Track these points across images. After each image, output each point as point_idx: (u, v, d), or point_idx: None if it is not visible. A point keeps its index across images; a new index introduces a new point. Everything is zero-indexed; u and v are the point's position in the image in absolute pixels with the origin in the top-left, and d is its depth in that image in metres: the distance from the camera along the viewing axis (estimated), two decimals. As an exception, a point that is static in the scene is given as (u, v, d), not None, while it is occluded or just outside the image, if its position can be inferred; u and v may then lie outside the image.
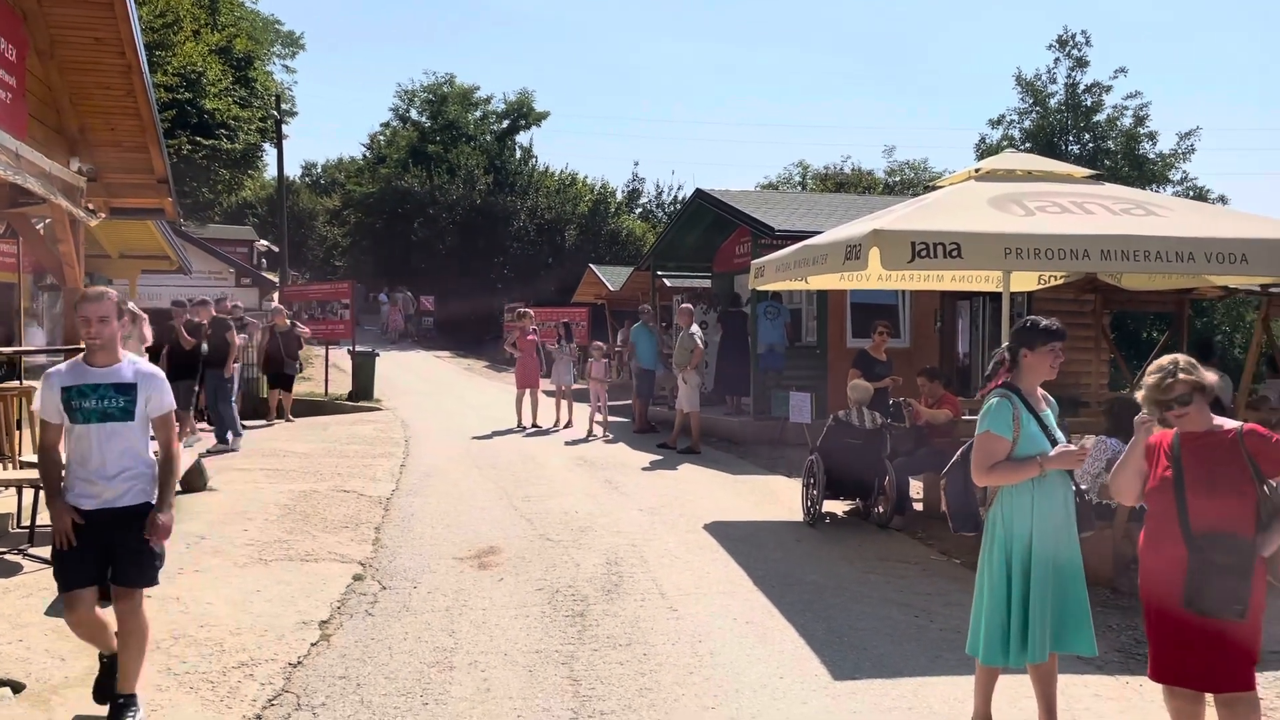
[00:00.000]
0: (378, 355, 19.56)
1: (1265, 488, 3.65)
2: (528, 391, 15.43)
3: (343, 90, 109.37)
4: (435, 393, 20.70)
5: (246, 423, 14.52)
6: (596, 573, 7.02)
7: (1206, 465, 3.69)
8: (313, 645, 5.44)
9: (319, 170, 61.35)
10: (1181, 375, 3.72)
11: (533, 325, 16.08)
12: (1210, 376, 3.81)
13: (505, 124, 44.05)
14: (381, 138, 46.30)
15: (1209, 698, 3.80)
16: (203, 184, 30.79)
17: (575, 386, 16.31)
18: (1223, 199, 28.42)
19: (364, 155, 48.20)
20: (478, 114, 44.25)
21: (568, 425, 15.25)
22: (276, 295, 21.61)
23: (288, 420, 15.29)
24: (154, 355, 11.23)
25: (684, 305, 14.14)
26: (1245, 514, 3.63)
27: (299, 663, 5.19)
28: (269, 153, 36.73)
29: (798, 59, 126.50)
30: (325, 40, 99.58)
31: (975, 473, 4.23)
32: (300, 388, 16.52)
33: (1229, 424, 3.77)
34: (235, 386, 12.54)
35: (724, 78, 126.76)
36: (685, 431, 13.28)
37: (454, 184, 37.35)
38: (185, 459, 9.10)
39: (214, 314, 12.50)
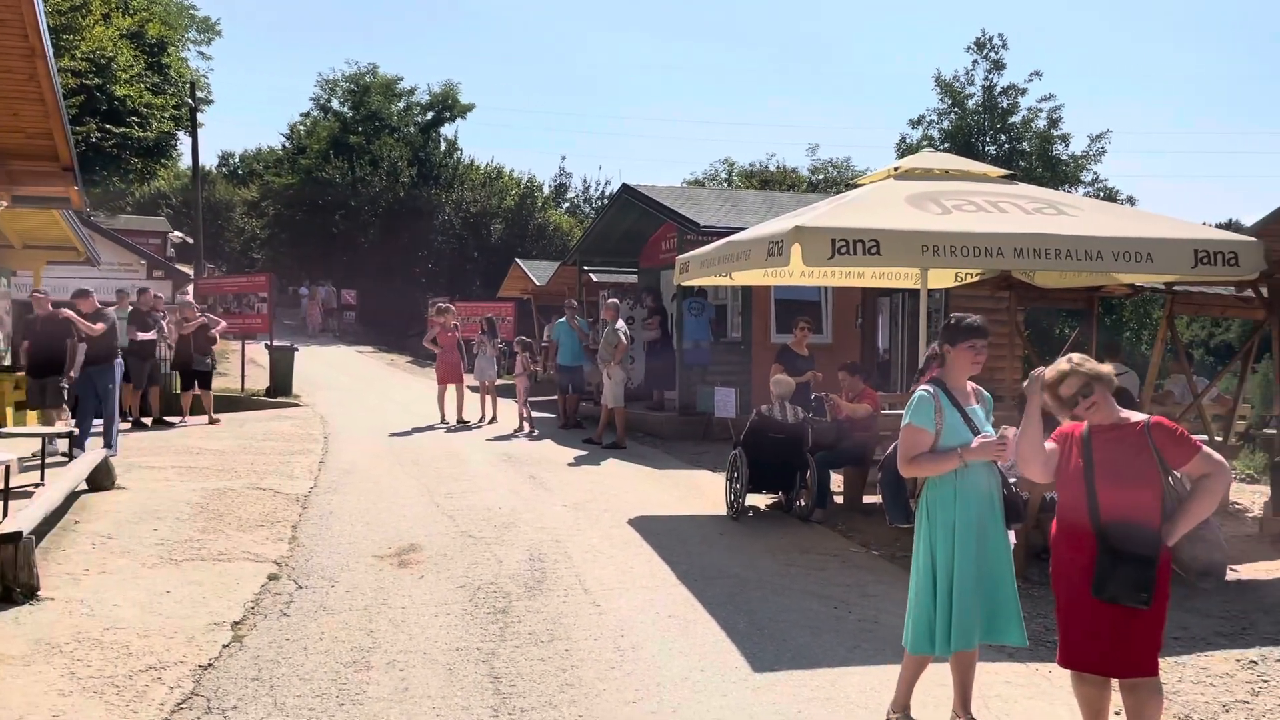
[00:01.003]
0: (296, 350, 19.15)
1: (1170, 479, 3.78)
2: (451, 387, 15.27)
3: (261, 79, 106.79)
4: (357, 388, 20.36)
5: (168, 418, 14.15)
6: (519, 569, 6.97)
7: (1115, 457, 3.80)
8: (225, 647, 5.30)
9: (236, 160, 59.77)
10: (1074, 369, 3.84)
11: (454, 320, 15.83)
12: (1103, 365, 3.92)
13: (430, 116, 43.45)
14: (302, 128, 45.27)
15: (1114, 683, 3.92)
16: (113, 173, 29.74)
17: (500, 382, 16.18)
18: (1131, 200, 29.44)
19: (283, 146, 47.06)
20: (401, 105, 43.58)
21: (492, 421, 15.14)
22: (191, 288, 20.99)
23: (211, 421, 14.38)
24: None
25: (609, 301, 14.09)
26: (1152, 504, 3.74)
27: (210, 665, 5.05)
28: (184, 142, 35.62)
29: (725, 56, 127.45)
30: (243, 27, 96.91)
31: (900, 463, 4.32)
32: (216, 384, 15.96)
33: (1137, 417, 3.89)
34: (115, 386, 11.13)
35: (652, 74, 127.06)
36: (610, 427, 13.27)
37: (377, 176, 36.74)
38: (93, 458, 8.80)
39: (97, 306, 11.17)
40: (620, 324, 13.27)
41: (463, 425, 14.74)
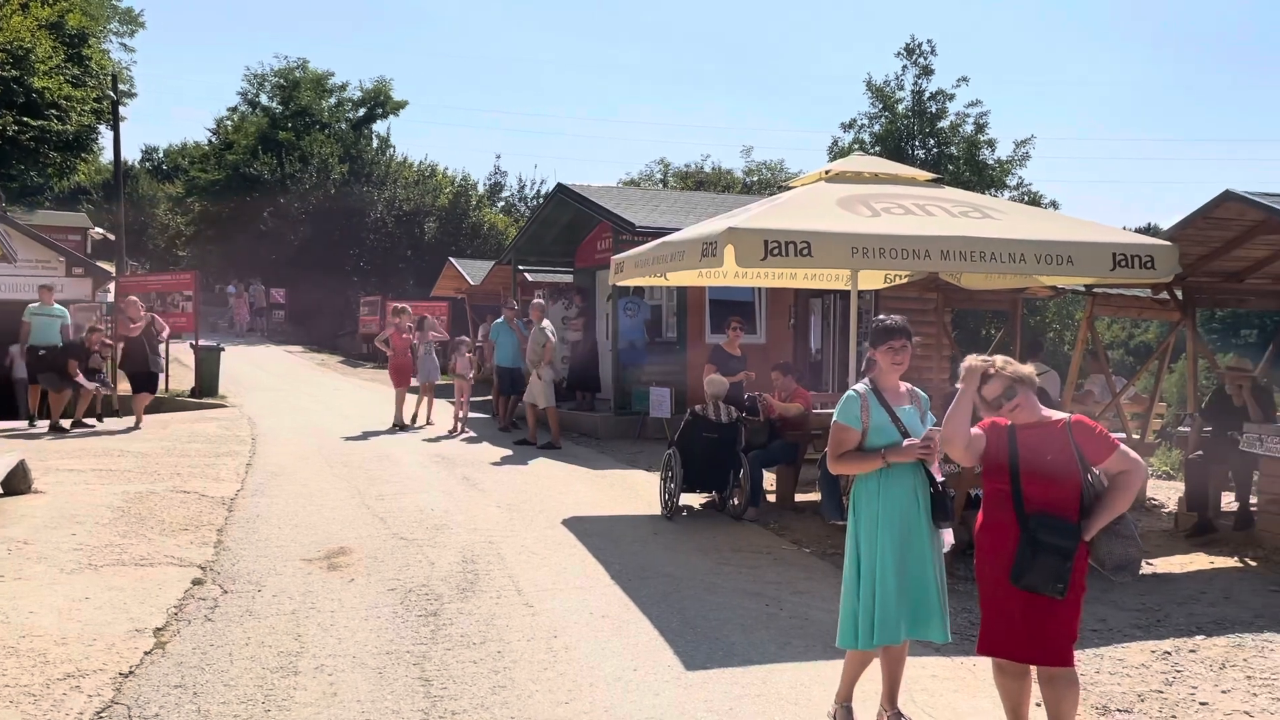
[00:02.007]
0: (223, 350, 18.73)
1: (1089, 475, 3.91)
2: (404, 390, 14.76)
3: (186, 72, 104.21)
4: (286, 389, 19.98)
5: (87, 420, 13.69)
6: (451, 571, 6.91)
7: (1038, 453, 3.92)
8: (146, 654, 5.17)
9: (161, 155, 58.32)
10: (998, 373, 3.96)
11: (409, 322, 15.34)
12: (1026, 368, 4.04)
13: (361, 112, 42.90)
14: (229, 123, 44.32)
15: (1034, 676, 4.04)
16: (30, 167, 28.80)
17: (438, 382, 15.99)
18: (1054, 204, 30.20)
19: (210, 141, 46.02)
20: (332, 101, 42.95)
21: (429, 423, 14.93)
22: (113, 286, 20.37)
23: (136, 425, 13.66)
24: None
25: (535, 300, 14.00)
26: (1071, 499, 3.88)
27: (131, 673, 4.92)
28: (105, 135, 34.72)
29: (661, 58, 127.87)
30: (167, 18, 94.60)
31: (829, 460, 4.42)
32: (124, 384, 15.30)
33: (1058, 415, 4.03)
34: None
35: (588, 74, 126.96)
36: (545, 427, 13.23)
37: (307, 173, 36.08)
38: (6, 461, 8.50)
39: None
40: (546, 323, 13.20)
41: (402, 428, 14.46)
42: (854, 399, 4.36)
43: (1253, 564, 7.76)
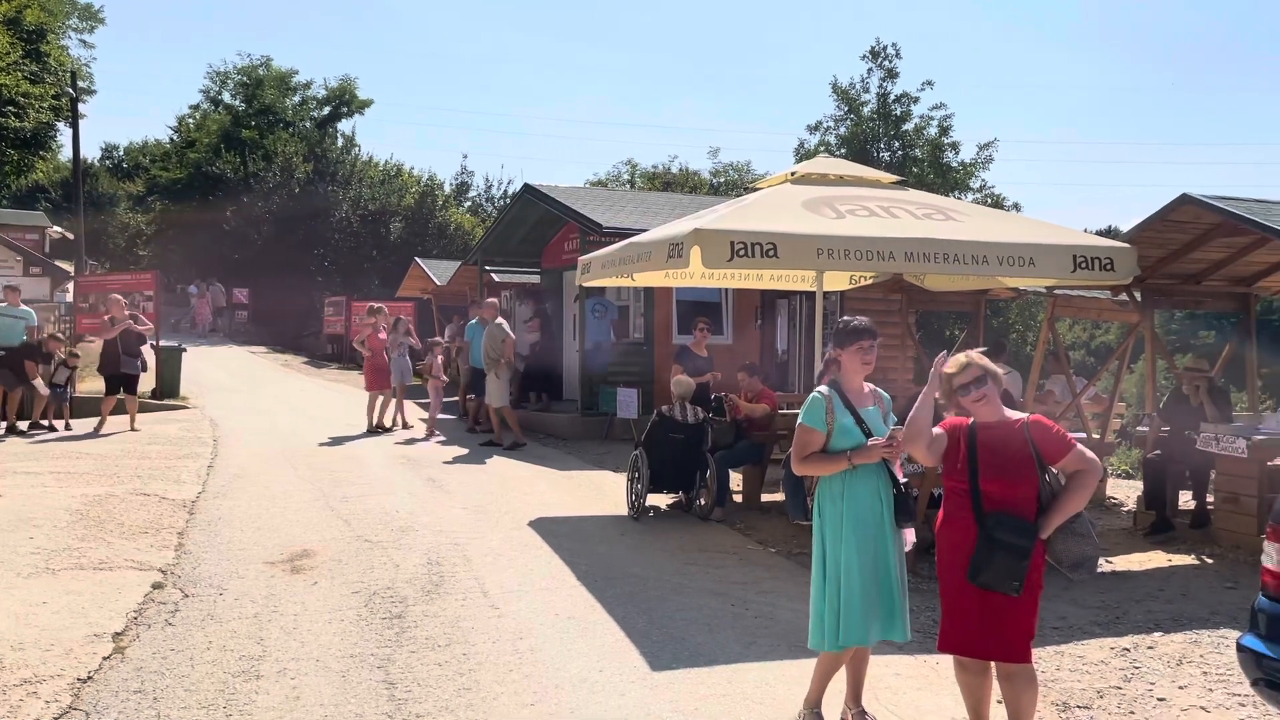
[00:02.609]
0: (184, 350, 18.47)
1: (1046, 475, 3.96)
2: (378, 393, 14.38)
3: (148, 69, 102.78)
4: (248, 390, 19.75)
5: (43, 422, 13.46)
6: (417, 573, 6.87)
7: (997, 452, 3.96)
8: (105, 659, 5.10)
9: (121, 154, 57.41)
10: (972, 361, 4.04)
11: (384, 323, 14.90)
12: (996, 368, 4.10)
13: (326, 110, 42.55)
14: (191, 121, 43.79)
15: (994, 673, 4.08)
16: (-13, 165, 28.31)
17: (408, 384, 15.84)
18: (1017, 206, 30.56)
19: (171, 139, 45.46)
20: (296, 99, 42.55)
21: (405, 426, 14.73)
22: (71, 286, 20.06)
23: (133, 429, 13.26)
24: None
25: (489, 300, 13.90)
26: (1029, 498, 3.93)
27: (89, 678, 4.84)
28: (64, 133, 34.10)
29: (630, 58, 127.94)
30: (128, 14, 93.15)
31: (793, 462, 4.42)
32: (97, 385, 15.09)
33: (1017, 415, 4.08)
34: None
35: (556, 74, 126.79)
36: (508, 427, 13.19)
37: (271, 171, 35.69)
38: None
39: None
40: (501, 321, 13.12)
41: (375, 432, 14.08)
42: (819, 401, 4.37)
43: (1209, 561, 7.89)
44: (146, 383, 17.91)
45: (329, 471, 10.78)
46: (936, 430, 4.11)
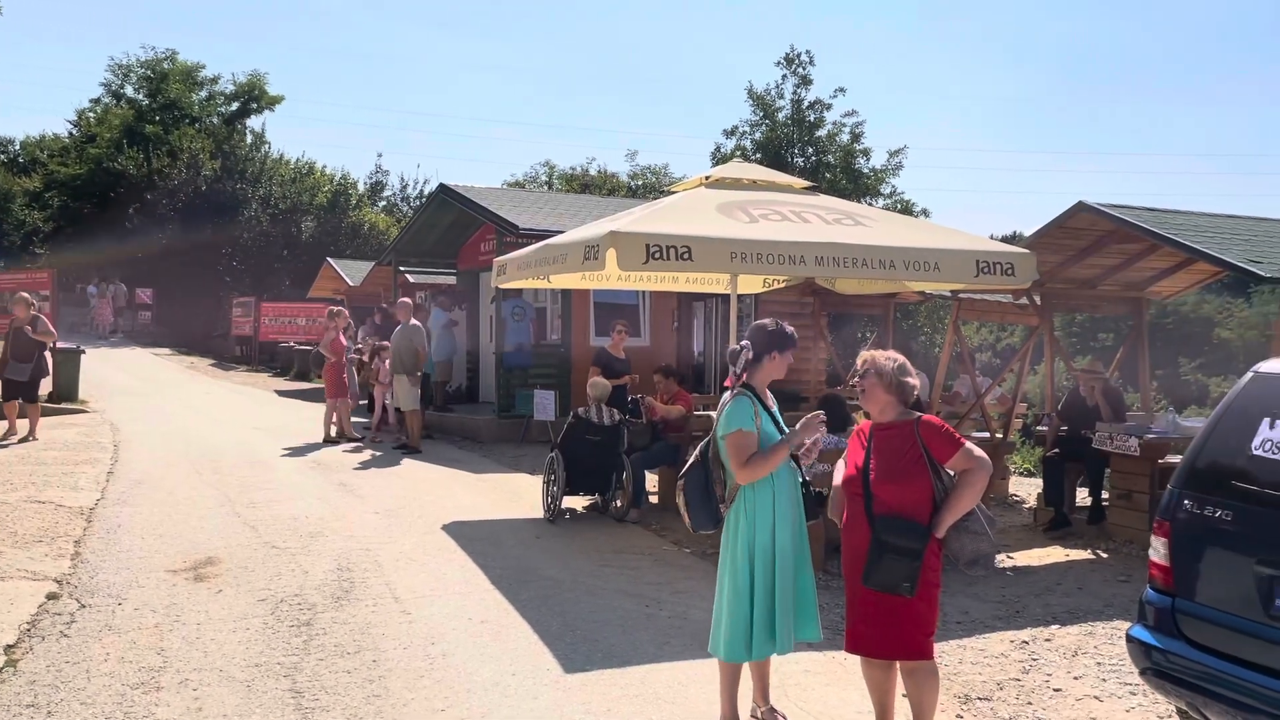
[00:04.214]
0: (83, 352, 17.80)
1: (939, 474, 4.05)
2: (339, 401, 13.61)
3: (45, 61, 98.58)
4: (152, 393, 19.13)
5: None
6: (326, 579, 6.75)
7: (889, 454, 4.06)
8: (-6, 674, 4.89)
9: (17, 148, 54.97)
10: (871, 356, 4.18)
11: (345, 324, 14.17)
12: (888, 366, 4.15)
13: (234, 106, 41.46)
14: (91, 115, 42.23)
15: (899, 668, 4.19)
16: None
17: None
18: (925, 212, 31.16)
19: (70, 133, 43.76)
20: (203, 94, 41.38)
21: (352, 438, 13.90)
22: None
23: (31, 438, 12.43)
24: None
25: (402, 300, 13.64)
26: (922, 500, 4.00)
27: (-24, 695, 4.64)
28: (-47, 125, 32.61)
29: (548, 60, 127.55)
30: (24, 3, 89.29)
31: (737, 471, 4.27)
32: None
33: (910, 416, 4.15)
34: None
35: (474, 73, 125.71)
36: (423, 429, 13.04)
37: (176, 168, 34.61)
38: None
39: None
40: (416, 323, 12.94)
41: (339, 441, 13.37)
42: (746, 402, 4.30)
43: (1104, 556, 8.21)
44: (42, 385, 17.24)
45: (236, 477, 10.51)
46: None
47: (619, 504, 9.11)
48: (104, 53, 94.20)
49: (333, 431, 13.59)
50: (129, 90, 41.17)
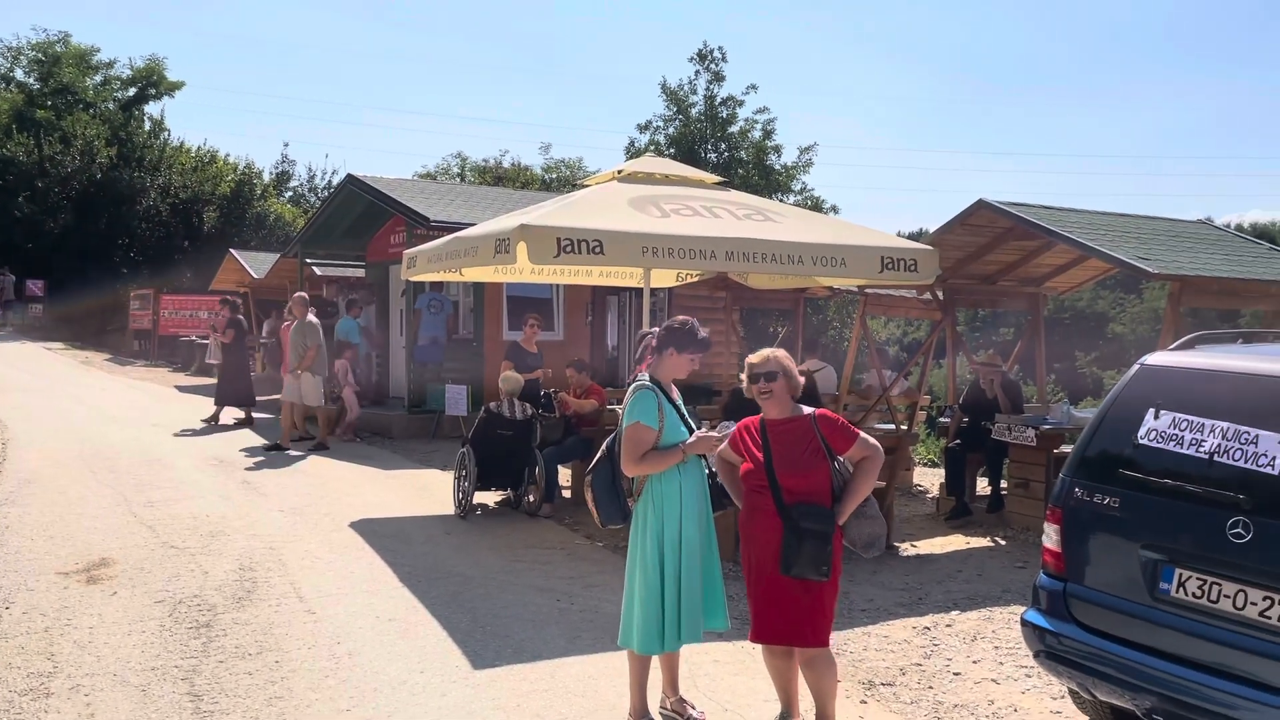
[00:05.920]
0: (-31, 346, 16.99)
1: (836, 463, 4.16)
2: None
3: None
4: (43, 389, 18.33)
5: None
6: (227, 580, 6.56)
7: (789, 447, 4.14)
8: None
9: (-106, 131, 52.14)
10: (773, 355, 4.22)
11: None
12: (792, 368, 4.24)
13: (132, 92, 39.86)
14: (-23, 98, 40.16)
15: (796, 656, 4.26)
16: None
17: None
18: (835, 209, 31.74)
19: (-46, 117, 41.56)
20: (98, 79, 39.71)
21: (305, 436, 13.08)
22: None
23: None
24: None
25: (298, 295, 13.20)
26: (824, 488, 4.12)
27: None
28: None
29: (460, 50, 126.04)
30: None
31: (626, 463, 4.29)
32: None
33: (805, 410, 4.24)
34: None
35: (385, 63, 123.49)
36: (336, 426, 12.78)
37: (69, 155, 33.18)
38: None
39: None
40: (312, 319, 12.59)
41: (307, 439, 12.77)
42: (650, 396, 4.29)
43: (1003, 543, 8.49)
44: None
45: (132, 475, 10.15)
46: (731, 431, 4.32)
47: (531, 499, 9.07)
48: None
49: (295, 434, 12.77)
50: (19, 74, 39.28)
